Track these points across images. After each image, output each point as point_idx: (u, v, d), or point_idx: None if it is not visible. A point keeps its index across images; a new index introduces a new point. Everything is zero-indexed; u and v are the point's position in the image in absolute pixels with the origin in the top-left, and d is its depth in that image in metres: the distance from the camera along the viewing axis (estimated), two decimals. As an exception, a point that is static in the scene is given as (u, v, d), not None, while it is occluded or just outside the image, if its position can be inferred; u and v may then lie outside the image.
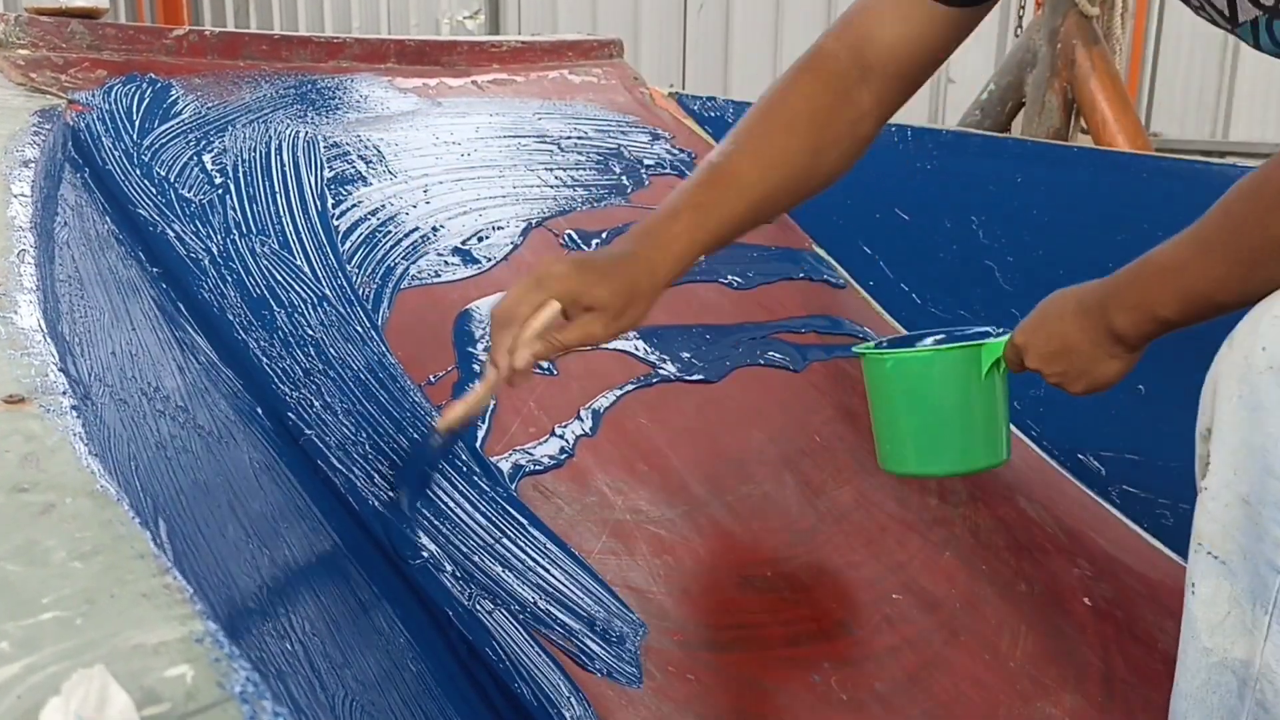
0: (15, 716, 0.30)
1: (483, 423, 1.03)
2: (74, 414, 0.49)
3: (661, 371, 1.25)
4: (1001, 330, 1.01)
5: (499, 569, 0.91)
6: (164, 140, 1.11)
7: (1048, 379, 0.96)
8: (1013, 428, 1.59)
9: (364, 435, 0.94)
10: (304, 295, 1.03)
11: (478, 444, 1.01)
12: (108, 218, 1.00)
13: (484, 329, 1.14)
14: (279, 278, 1.03)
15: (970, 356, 1.00)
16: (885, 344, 1.07)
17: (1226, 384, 0.74)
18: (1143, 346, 0.90)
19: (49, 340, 0.59)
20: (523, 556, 0.94)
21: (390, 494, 0.90)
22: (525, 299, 0.86)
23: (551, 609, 0.91)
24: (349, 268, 1.09)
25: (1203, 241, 0.81)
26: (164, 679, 0.32)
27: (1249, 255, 0.76)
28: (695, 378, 1.28)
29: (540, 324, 0.85)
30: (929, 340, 1.07)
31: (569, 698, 0.85)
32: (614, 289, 0.87)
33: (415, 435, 0.96)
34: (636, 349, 1.25)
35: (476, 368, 1.08)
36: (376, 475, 0.91)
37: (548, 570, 0.94)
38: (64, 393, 0.51)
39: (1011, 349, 0.98)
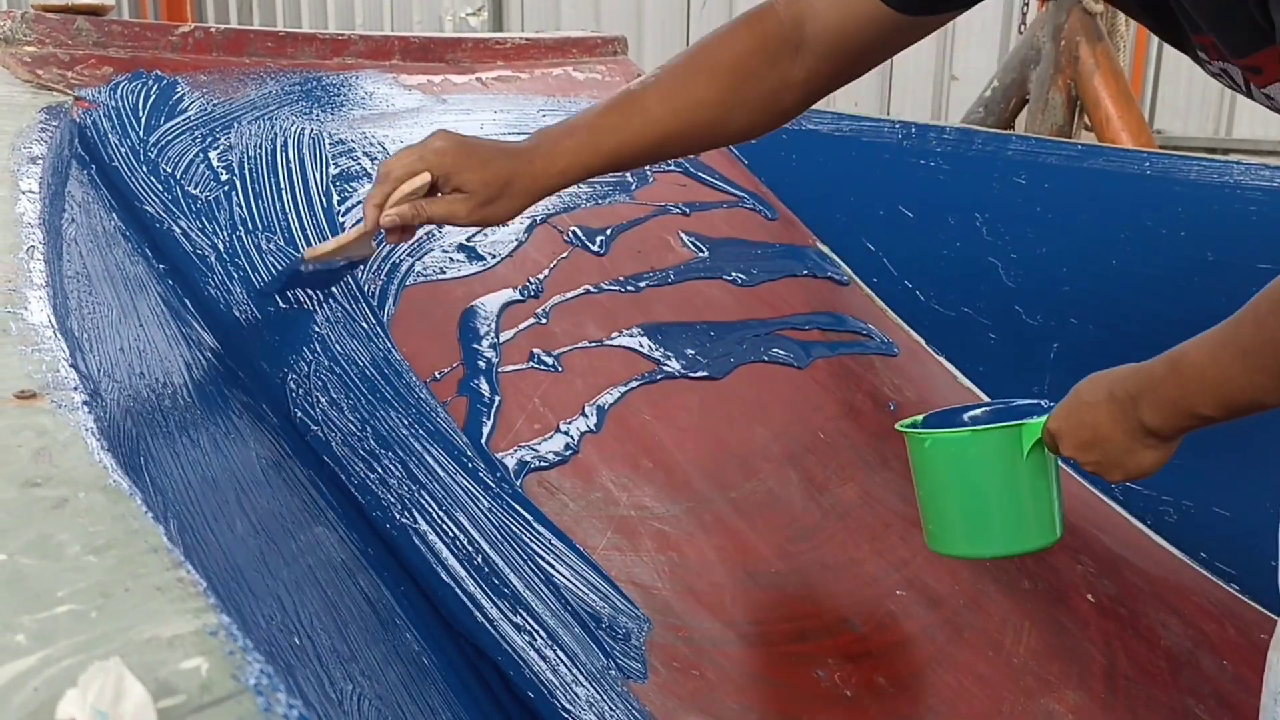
0: (32, 709, 0.31)
1: (488, 419, 1.04)
2: (85, 409, 0.50)
3: (666, 368, 1.25)
4: (1050, 404, 0.99)
5: (503, 565, 0.91)
6: (170, 137, 1.11)
7: (1084, 467, 0.96)
8: (1016, 424, 1.59)
9: (370, 431, 0.94)
10: (310, 292, 1.03)
11: (483, 440, 1.01)
12: (114, 214, 1.00)
13: (490, 325, 1.14)
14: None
15: (1010, 437, 0.99)
16: (931, 418, 1.04)
17: None
18: (1178, 438, 0.91)
19: (59, 336, 0.59)
20: (528, 552, 0.94)
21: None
22: (403, 161, 0.91)
23: (556, 605, 0.91)
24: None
25: (1241, 352, 0.81)
26: (179, 671, 0.32)
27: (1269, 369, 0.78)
28: (699, 374, 1.28)
29: (408, 189, 0.91)
30: (976, 411, 1.04)
31: (574, 692, 0.85)
32: (486, 178, 0.91)
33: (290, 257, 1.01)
34: (641, 346, 1.25)
35: (481, 364, 1.09)
36: (383, 470, 0.91)
37: (552, 566, 0.95)
38: (75, 388, 0.52)
39: (1047, 434, 0.97)
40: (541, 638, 0.88)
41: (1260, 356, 0.80)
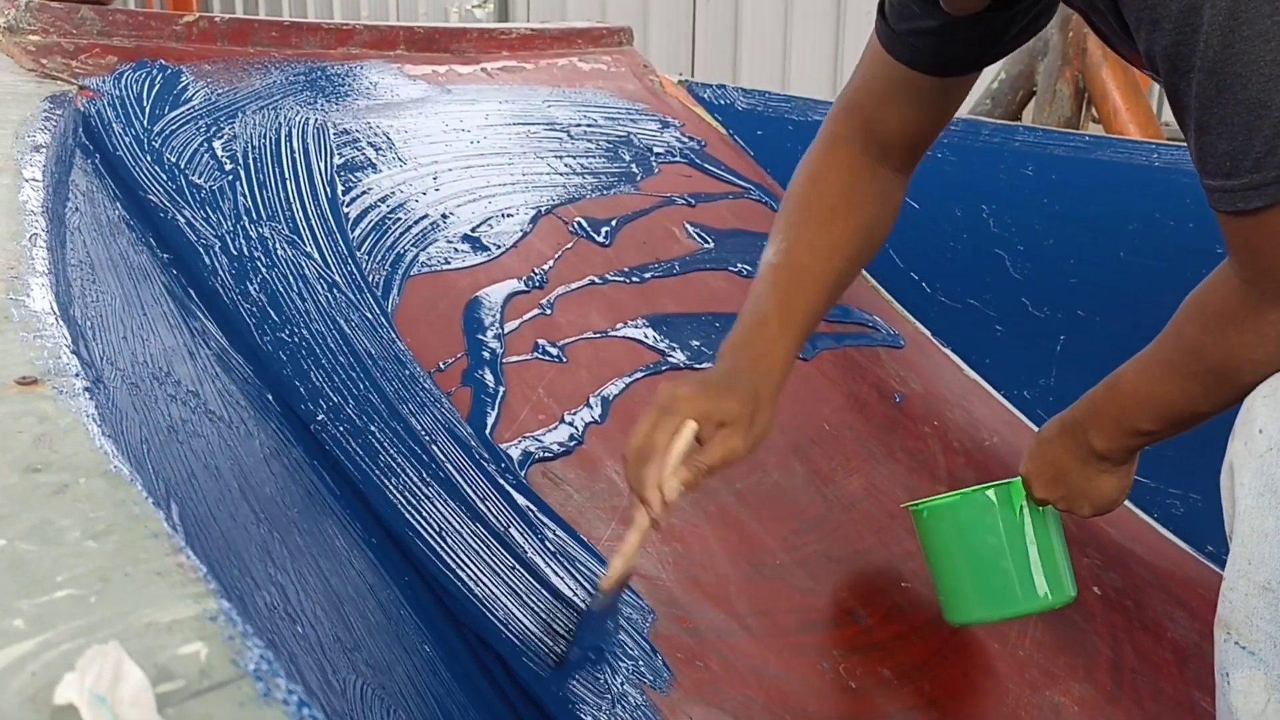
0: (31, 692, 0.31)
1: (492, 409, 1.04)
2: (87, 396, 0.50)
3: (671, 359, 1.25)
4: None
5: (507, 555, 0.91)
6: (174, 126, 1.11)
7: (1056, 505, 0.99)
8: (1022, 417, 1.59)
9: (374, 421, 0.94)
10: (314, 282, 1.03)
11: (487, 430, 1.01)
12: (118, 203, 1.00)
13: (494, 316, 1.14)
14: (289, 264, 1.03)
15: (1000, 496, 1.02)
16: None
17: (1235, 474, 0.76)
18: (1131, 458, 0.94)
19: (61, 323, 0.59)
20: (531, 543, 0.94)
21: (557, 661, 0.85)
22: (660, 426, 0.85)
23: (560, 596, 0.91)
24: (359, 254, 1.09)
25: (1167, 363, 0.84)
26: (178, 656, 0.32)
27: (1216, 372, 0.79)
28: (705, 366, 1.27)
29: (682, 447, 0.84)
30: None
31: (578, 682, 0.85)
32: (740, 399, 0.89)
33: (581, 603, 0.89)
34: (646, 337, 1.25)
35: (486, 354, 1.09)
36: (387, 460, 0.91)
37: (556, 557, 0.94)
38: (76, 375, 0.51)
39: (1025, 482, 1.00)
40: (545, 628, 0.87)
41: (1185, 366, 0.82)
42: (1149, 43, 0.74)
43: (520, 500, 0.95)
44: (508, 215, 1.28)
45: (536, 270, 1.23)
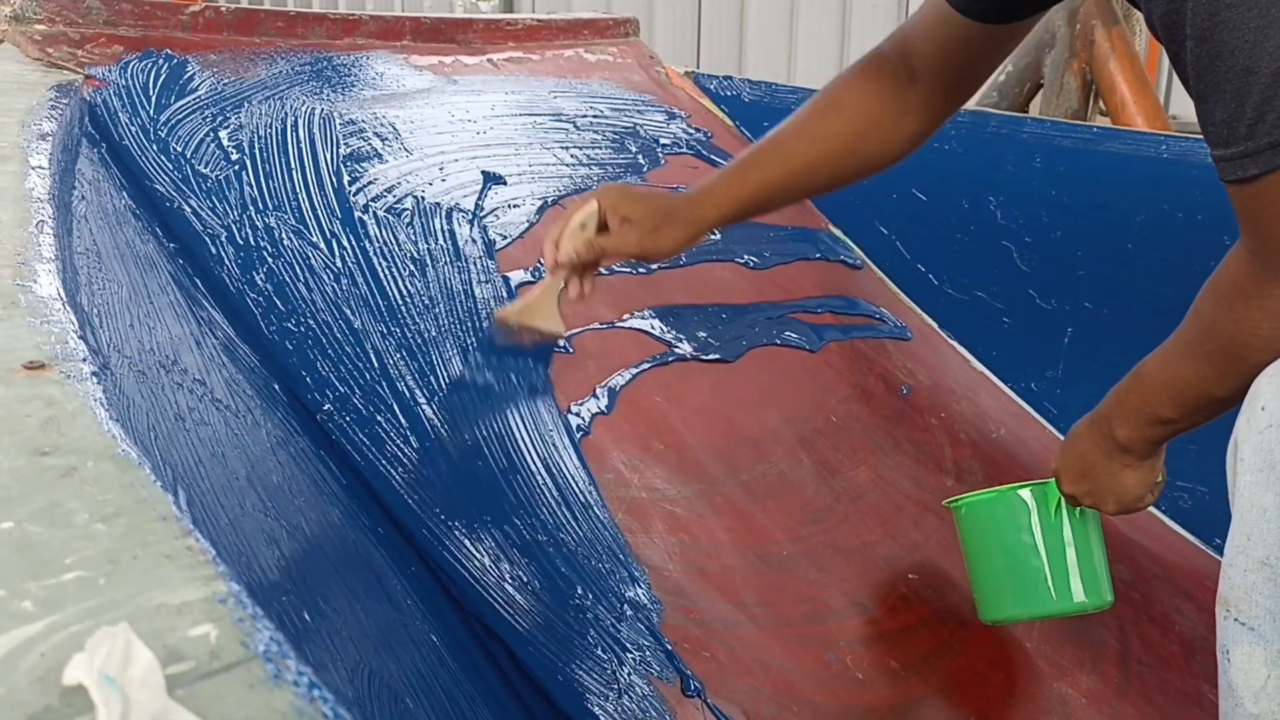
0: (40, 673, 0.30)
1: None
2: (94, 381, 0.49)
3: (678, 350, 1.24)
4: None
5: (512, 545, 0.91)
6: (180, 116, 1.11)
7: (1083, 501, 0.98)
8: (1029, 409, 1.58)
9: (380, 411, 0.94)
10: (320, 272, 1.03)
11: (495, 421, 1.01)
12: (125, 192, 1.00)
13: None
14: (295, 254, 1.03)
15: (1036, 495, 1.02)
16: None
17: (1238, 450, 0.76)
18: (1154, 452, 0.93)
19: (68, 309, 0.59)
20: (538, 533, 0.94)
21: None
22: (575, 203, 1.00)
23: (565, 585, 0.91)
24: (365, 244, 1.09)
25: (1185, 344, 0.84)
26: (188, 638, 0.32)
27: (1227, 350, 0.79)
28: (711, 357, 1.27)
29: (580, 217, 0.97)
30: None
31: (584, 670, 0.85)
32: (650, 208, 0.99)
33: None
34: (653, 328, 1.25)
35: (492, 345, 1.08)
36: (393, 450, 0.91)
37: (563, 546, 0.94)
38: (84, 360, 0.51)
39: (1056, 479, 1.00)
40: (551, 617, 0.87)
41: (1199, 345, 0.81)
42: (1148, 11, 0.75)
43: (528, 490, 0.95)
44: (514, 206, 1.28)
45: (543, 260, 1.22)
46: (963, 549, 1.09)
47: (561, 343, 1.14)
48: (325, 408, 0.91)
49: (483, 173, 1.29)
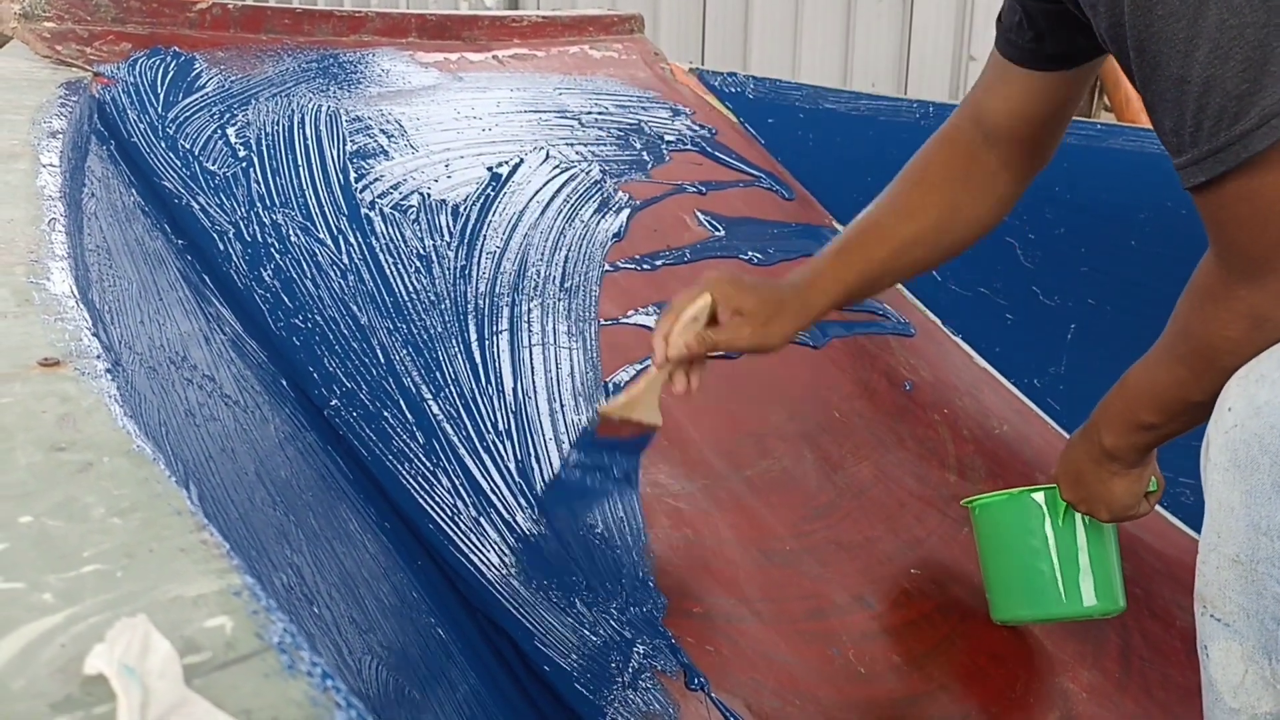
0: (60, 664, 0.31)
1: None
2: (108, 377, 0.50)
3: (681, 346, 1.25)
4: None
5: (517, 541, 0.92)
6: (188, 113, 1.12)
7: (1079, 509, 1.00)
8: (1032, 405, 1.59)
9: (387, 407, 0.94)
10: (327, 268, 1.03)
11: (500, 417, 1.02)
12: (134, 189, 1.00)
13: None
14: (302, 250, 1.04)
15: (1048, 498, 1.03)
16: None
17: (1207, 450, 0.77)
18: (1141, 460, 0.94)
19: (81, 306, 0.59)
20: (544, 527, 0.95)
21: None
22: (684, 294, 0.98)
23: (570, 579, 0.92)
24: (372, 240, 1.10)
25: (1164, 349, 0.85)
26: (204, 629, 0.33)
27: (1200, 353, 0.79)
28: (715, 353, 1.28)
29: (693, 311, 0.95)
30: None
31: (589, 665, 0.86)
32: (761, 299, 0.99)
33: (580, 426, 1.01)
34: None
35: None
36: (400, 446, 0.92)
37: (567, 541, 0.95)
38: (98, 356, 0.52)
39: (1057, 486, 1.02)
40: (556, 611, 0.88)
41: (1175, 349, 0.83)
42: (1096, 26, 0.77)
43: (533, 486, 0.96)
44: (519, 202, 1.28)
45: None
46: (978, 548, 1.10)
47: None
48: (332, 403, 0.92)
49: (488, 169, 1.29)
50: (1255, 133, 0.68)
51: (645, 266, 1.32)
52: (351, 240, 1.08)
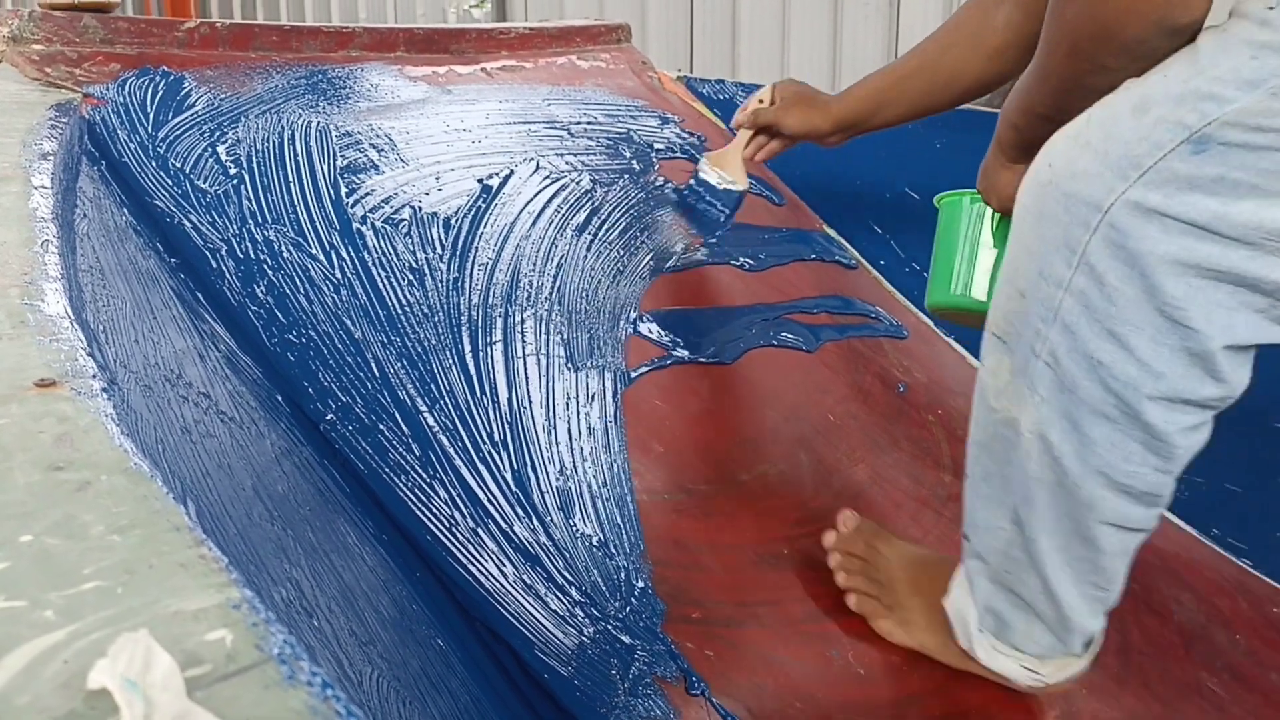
0: (64, 679, 0.32)
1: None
2: (104, 396, 0.51)
3: (675, 354, 1.26)
4: None
5: (515, 551, 0.92)
6: (178, 132, 1.12)
7: (986, 199, 1.12)
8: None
9: (382, 420, 0.95)
10: (320, 283, 1.04)
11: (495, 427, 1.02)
12: (125, 209, 1.01)
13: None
14: (295, 266, 1.04)
15: (974, 199, 1.15)
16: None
17: (1021, 196, 0.84)
18: (1022, 158, 1.00)
19: (76, 327, 0.60)
20: (541, 537, 0.95)
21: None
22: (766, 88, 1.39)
23: (569, 587, 0.92)
24: (364, 254, 1.10)
25: (1035, 58, 0.93)
26: (204, 642, 0.33)
27: (1047, 65, 0.86)
28: (709, 359, 1.28)
29: (758, 95, 1.39)
30: None
31: (589, 672, 0.86)
32: (798, 92, 1.36)
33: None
34: (650, 332, 1.26)
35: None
36: (395, 456, 0.92)
37: (565, 549, 0.95)
38: (94, 376, 0.52)
39: None
40: (555, 621, 0.89)
41: (1038, 60, 0.89)
42: None
43: (530, 495, 0.97)
44: (510, 213, 1.29)
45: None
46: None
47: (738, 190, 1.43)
48: (328, 417, 0.92)
49: (479, 181, 1.30)
50: None
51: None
52: (344, 255, 1.09)
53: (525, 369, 1.09)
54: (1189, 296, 0.75)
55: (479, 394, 1.03)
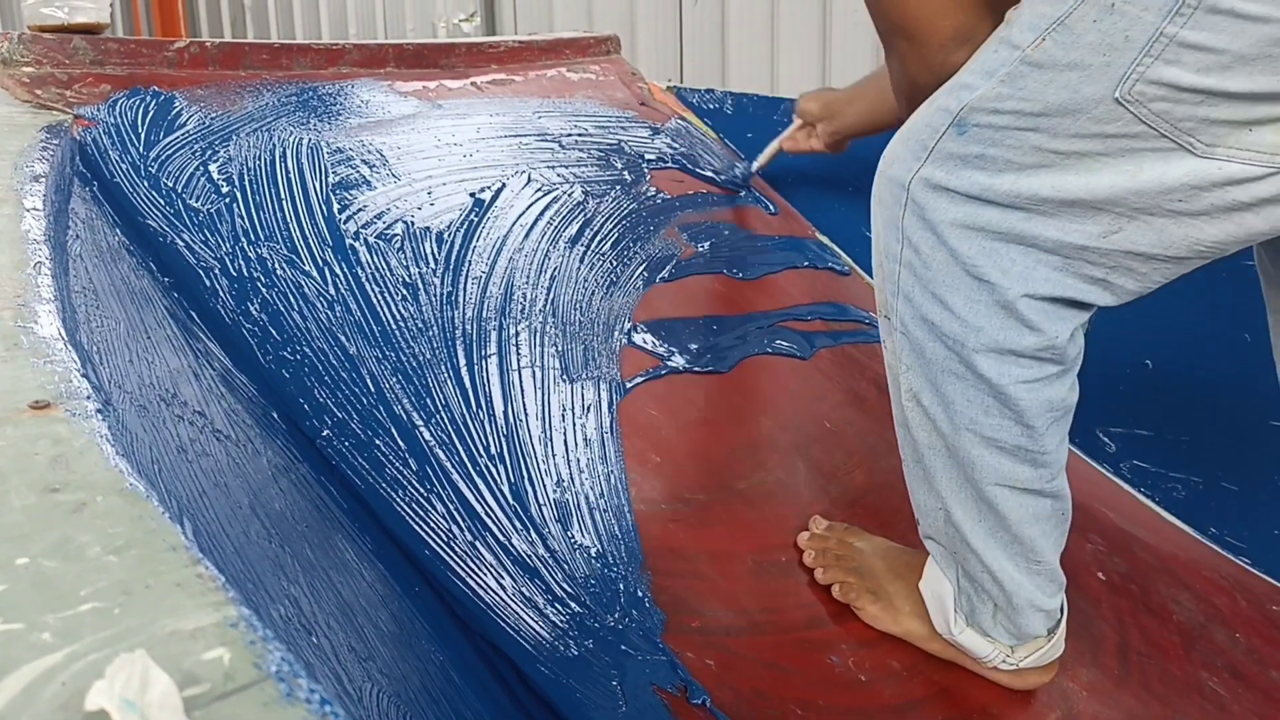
0: (61, 701, 0.32)
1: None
2: (99, 417, 0.51)
3: (670, 363, 1.26)
4: None
5: (513, 563, 0.92)
6: (170, 151, 1.12)
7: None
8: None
9: (378, 435, 0.95)
10: (314, 300, 1.04)
11: (492, 440, 1.02)
12: (118, 229, 1.01)
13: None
14: (289, 283, 1.04)
15: None
16: None
17: (877, 178, 0.93)
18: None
19: (69, 348, 0.60)
20: (539, 549, 0.95)
21: None
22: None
23: (569, 599, 0.92)
24: (357, 270, 1.10)
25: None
26: (202, 661, 0.33)
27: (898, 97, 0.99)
28: (704, 368, 1.29)
29: (786, 134, 1.60)
30: None
31: (590, 683, 0.86)
32: (822, 103, 1.51)
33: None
34: (645, 342, 1.26)
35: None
36: (392, 471, 0.92)
37: (564, 561, 0.95)
38: (88, 397, 0.53)
39: None
40: (555, 633, 0.88)
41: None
42: None
43: (527, 508, 0.97)
44: (502, 226, 1.29)
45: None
46: None
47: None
48: (324, 433, 0.92)
49: (471, 195, 1.30)
50: None
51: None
52: (337, 271, 1.09)
53: (520, 381, 1.09)
54: (983, 255, 0.85)
55: (475, 407, 1.03)
